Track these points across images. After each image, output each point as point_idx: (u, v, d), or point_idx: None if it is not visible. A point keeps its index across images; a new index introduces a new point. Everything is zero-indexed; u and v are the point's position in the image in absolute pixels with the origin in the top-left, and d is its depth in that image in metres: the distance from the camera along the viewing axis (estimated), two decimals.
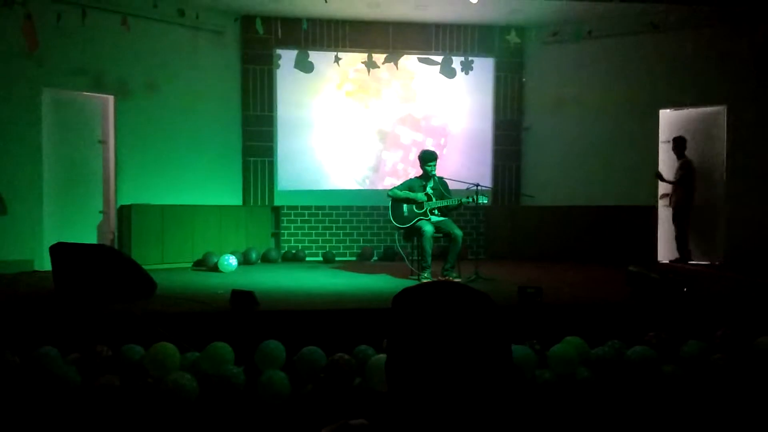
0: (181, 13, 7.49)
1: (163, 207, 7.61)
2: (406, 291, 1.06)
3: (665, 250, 8.32)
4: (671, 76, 8.20)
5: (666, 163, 8.41)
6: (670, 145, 8.13)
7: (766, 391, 3.60)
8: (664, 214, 8.36)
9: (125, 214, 7.50)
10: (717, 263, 7.95)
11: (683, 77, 8.13)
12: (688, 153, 8.09)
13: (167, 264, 7.44)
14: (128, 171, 7.72)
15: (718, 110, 8.14)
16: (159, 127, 7.91)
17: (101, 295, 4.62)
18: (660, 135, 8.46)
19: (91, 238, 7.41)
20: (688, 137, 8.11)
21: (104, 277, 4.75)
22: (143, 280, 4.96)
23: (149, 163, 7.82)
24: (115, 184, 7.68)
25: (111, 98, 7.65)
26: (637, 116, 8.44)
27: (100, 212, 7.66)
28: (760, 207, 7.78)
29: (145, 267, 5.22)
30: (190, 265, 7.56)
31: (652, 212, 8.22)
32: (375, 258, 8.72)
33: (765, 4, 7.44)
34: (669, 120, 8.46)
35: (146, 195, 7.66)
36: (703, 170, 8.20)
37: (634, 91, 8.42)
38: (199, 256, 7.57)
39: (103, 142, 7.70)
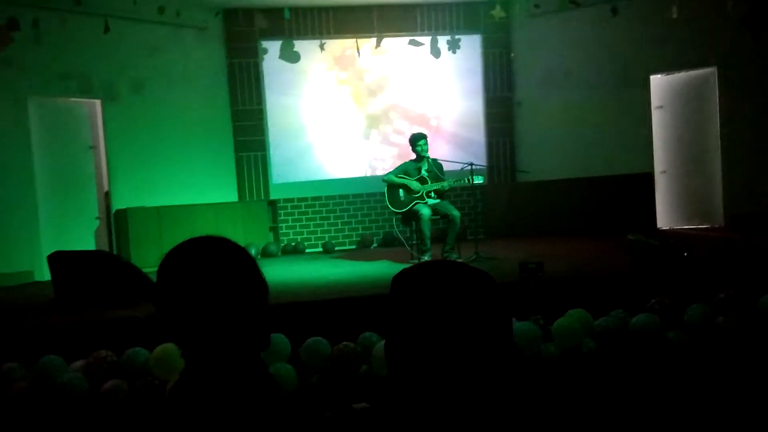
0: (161, 10, 7.40)
1: (159, 209, 7.58)
2: (405, 272, 1.05)
3: (664, 217, 8.31)
4: (659, 41, 8.12)
5: (661, 129, 8.37)
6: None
7: None
8: (661, 180, 8.34)
9: (121, 218, 7.47)
10: (717, 226, 7.94)
11: (671, 41, 8.05)
12: (682, 117, 8.03)
13: None
14: (121, 175, 7.68)
15: (710, 72, 8.08)
16: (148, 128, 7.86)
17: (102, 300, 4.61)
18: (652, 101, 8.40)
19: (89, 245, 7.39)
20: (681, 101, 8.05)
21: (104, 282, 4.74)
22: (143, 284, 4.95)
23: (141, 165, 7.78)
24: (109, 189, 7.65)
25: (98, 102, 7.60)
26: (628, 84, 8.38)
27: (96, 218, 7.63)
28: (756, 167, 7.75)
29: (146, 270, 5.20)
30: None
31: (650, 179, 8.19)
32: (375, 245, 8.71)
33: None
34: (661, 85, 8.40)
35: (141, 198, 7.63)
36: (698, 133, 8.16)
37: (622, 58, 8.35)
38: None
39: (94, 147, 7.65)
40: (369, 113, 8.93)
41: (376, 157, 8.95)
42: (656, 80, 8.38)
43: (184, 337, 1.15)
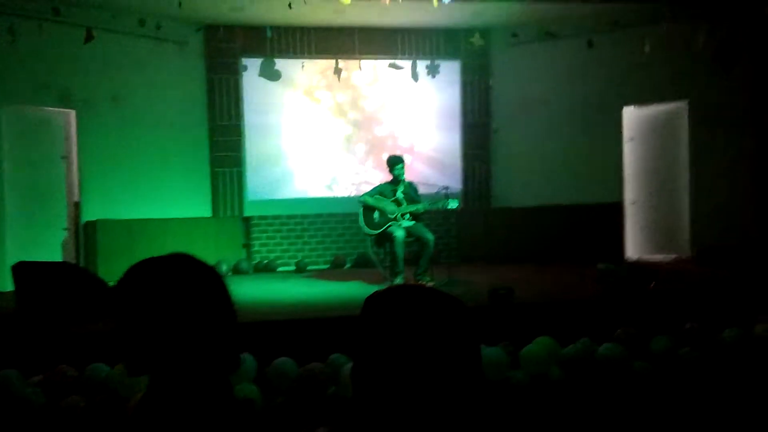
0: (142, 23, 7.37)
1: (129, 222, 7.47)
2: (377, 295, 1.05)
3: (634, 246, 8.45)
4: (632, 73, 8.33)
5: (632, 160, 8.55)
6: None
7: (732, 382, 3.67)
8: (632, 210, 8.49)
9: (90, 230, 7.34)
10: (684, 257, 8.09)
11: (644, 74, 8.27)
12: (652, 149, 8.23)
13: None
14: (93, 186, 7.56)
15: (680, 105, 8.30)
16: (123, 140, 7.76)
17: (66, 314, 4.51)
18: (625, 133, 8.59)
19: (56, 256, 7.23)
20: (652, 133, 8.25)
21: (69, 295, 4.64)
22: (110, 298, 4.85)
23: (114, 177, 7.66)
24: (80, 200, 7.52)
25: (73, 113, 7.49)
26: (602, 114, 8.55)
27: (65, 230, 7.48)
28: (723, 200, 7.94)
29: (113, 284, 5.12)
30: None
31: (620, 209, 8.34)
32: (348, 265, 8.68)
33: (721, 2, 7.61)
34: (633, 117, 8.60)
35: (112, 210, 7.51)
36: (667, 165, 8.35)
37: (597, 89, 8.54)
38: None
39: (66, 157, 7.53)
40: (347, 133, 8.96)
41: (353, 177, 8.97)
42: (629, 112, 8.58)
43: (145, 357, 1.13)
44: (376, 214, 6.42)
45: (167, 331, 1.12)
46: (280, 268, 8.51)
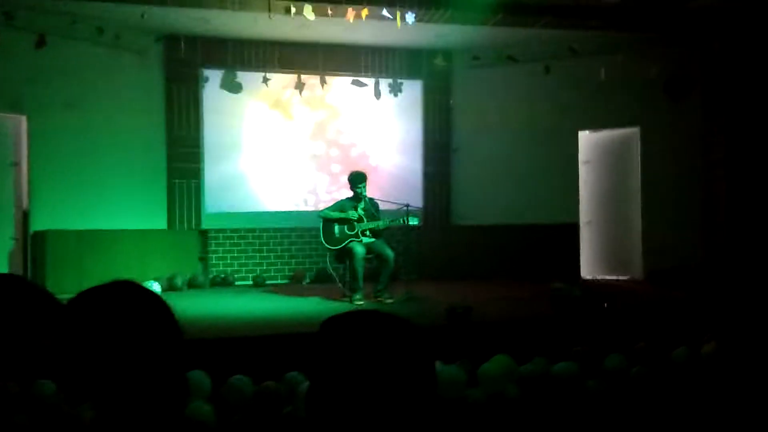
0: (100, 31, 7.22)
1: (80, 232, 7.24)
2: (333, 319, 1.07)
3: (588, 266, 8.65)
4: (588, 99, 8.60)
5: (586, 183, 8.79)
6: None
7: (682, 400, 3.77)
8: (586, 230, 8.70)
9: (39, 240, 7.08)
10: (637, 278, 8.32)
11: (599, 100, 8.54)
12: (607, 172, 8.49)
13: None
14: (43, 194, 7.31)
15: (633, 131, 8.59)
16: (77, 148, 7.54)
17: (9, 328, 4.32)
18: (580, 155, 8.82)
19: (2, 267, 6.94)
20: (606, 157, 8.51)
21: (13, 308, 4.45)
22: (58, 312, 4.68)
23: (67, 186, 7.43)
24: (29, 209, 7.25)
25: (23, 119, 7.25)
26: (558, 137, 8.77)
27: (12, 239, 7.20)
28: (674, 223, 8.22)
29: (62, 296, 4.93)
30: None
31: (575, 229, 8.54)
32: (307, 280, 8.60)
33: (675, 34, 7.94)
34: (588, 141, 8.86)
35: (63, 220, 7.26)
36: (621, 188, 8.61)
37: (554, 113, 8.76)
38: None
39: (16, 164, 7.28)
40: (309, 148, 8.93)
41: (314, 191, 8.93)
42: (584, 136, 8.83)
43: (87, 386, 1.13)
44: (336, 230, 6.40)
45: (110, 361, 1.12)
46: (238, 283, 8.37)
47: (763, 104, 7.63)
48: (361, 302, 6.13)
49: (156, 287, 6.72)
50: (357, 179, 6.48)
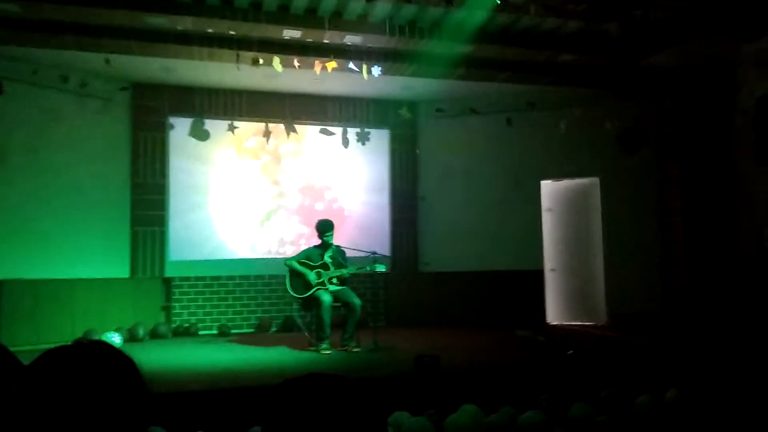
0: (65, 79, 7.21)
1: (36, 282, 7.02)
2: (290, 381, 1.11)
3: (554, 312, 8.74)
4: (548, 150, 8.87)
5: (550, 230, 8.97)
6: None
7: None
8: (551, 277, 8.83)
9: None
10: (600, 324, 8.43)
11: (559, 151, 8.82)
12: (569, 220, 8.69)
13: (43, 344, 6.80)
14: (0, 243, 7.10)
15: (593, 181, 8.85)
16: (36, 195, 7.38)
17: None
18: (543, 204, 9.02)
19: None
20: (568, 205, 8.73)
21: None
22: (10, 365, 4.49)
23: (26, 234, 7.22)
24: None
25: None
26: (521, 186, 8.98)
27: None
28: (634, 270, 8.41)
29: (15, 348, 4.74)
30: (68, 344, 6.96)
31: (540, 276, 8.65)
32: (274, 329, 8.46)
33: (628, 91, 8.31)
34: (550, 190, 9.08)
35: (19, 269, 7.04)
36: (584, 235, 8.80)
37: (516, 162, 9.00)
38: (79, 334, 7.00)
39: None
40: (276, 195, 8.93)
41: (280, 239, 8.89)
42: (546, 185, 9.05)
43: None
44: (302, 278, 6.36)
45: (72, 422, 1.10)
46: (202, 332, 8.19)
47: (713, 155, 7.98)
48: (328, 351, 6.05)
49: (116, 339, 6.53)
50: (324, 228, 6.49)
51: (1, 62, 7.02)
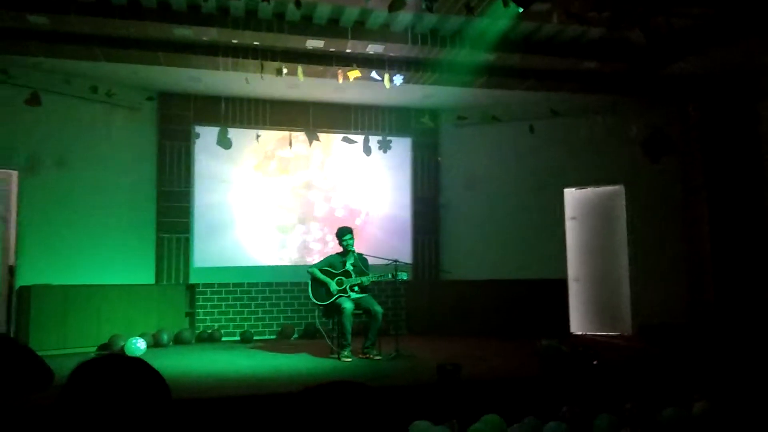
0: (94, 89, 7.37)
1: (65, 287, 7.17)
2: (307, 390, 1.13)
3: (577, 322, 8.63)
4: (571, 157, 8.80)
5: (574, 239, 8.87)
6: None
7: None
8: (575, 287, 8.73)
9: (24, 295, 7.00)
10: (626, 334, 8.31)
11: (582, 159, 8.74)
12: (594, 228, 8.59)
13: (69, 349, 6.94)
14: (30, 250, 7.27)
15: (617, 189, 8.75)
16: (66, 203, 7.56)
17: None
18: (567, 212, 8.94)
19: None
20: (593, 213, 8.63)
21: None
22: (38, 370, 4.59)
23: (53, 241, 7.40)
24: (15, 264, 7.20)
25: (15, 173, 7.29)
26: (544, 194, 8.92)
27: None
28: (661, 279, 8.28)
29: (44, 353, 4.86)
30: (94, 349, 7.09)
31: (564, 285, 8.56)
32: (295, 336, 8.51)
33: (651, 97, 8.22)
34: (574, 198, 9.00)
35: (49, 275, 7.20)
36: (608, 244, 8.70)
37: (538, 170, 8.95)
38: (105, 340, 7.12)
39: (4, 219, 7.26)
40: (299, 203, 9.00)
41: (303, 246, 8.94)
42: (569, 193, 8.97)
43: None
44: (324, 286, 6.39)
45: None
46: (225, 338, 8.26)
47: (739, 162, 7.84)
48: (349, 359, 6.06)
49: (141, 345, 6.61)
50: (342, 233, 6.54)
51: (36, 75, 7.22)
